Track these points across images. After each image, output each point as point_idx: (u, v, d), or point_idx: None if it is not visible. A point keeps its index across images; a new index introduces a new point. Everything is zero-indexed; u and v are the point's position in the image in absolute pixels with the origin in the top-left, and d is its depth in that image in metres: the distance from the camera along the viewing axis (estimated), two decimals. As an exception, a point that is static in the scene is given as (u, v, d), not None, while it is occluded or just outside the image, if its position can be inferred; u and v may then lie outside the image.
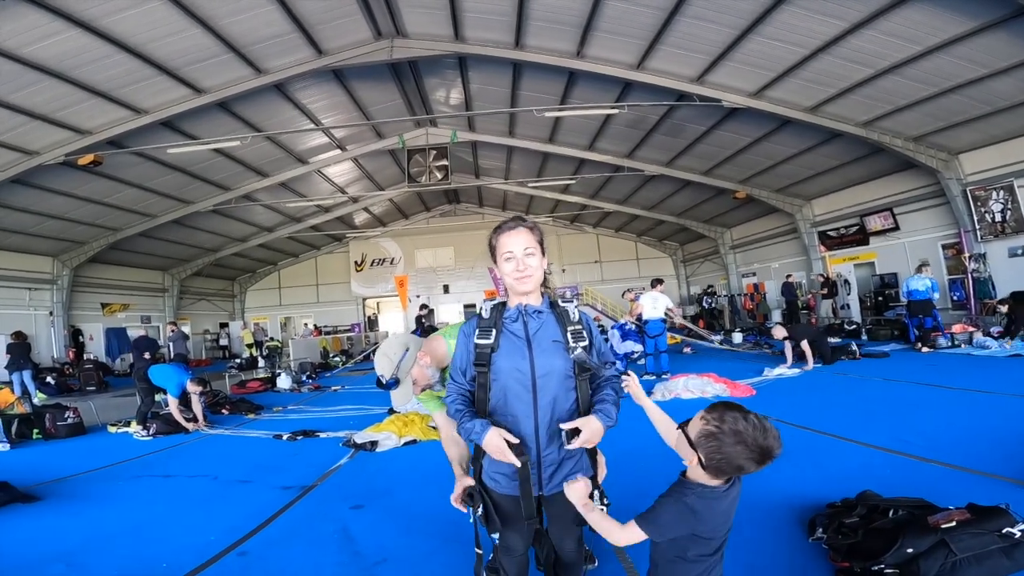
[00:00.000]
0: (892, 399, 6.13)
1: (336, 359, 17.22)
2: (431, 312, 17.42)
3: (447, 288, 26.93)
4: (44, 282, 16.46)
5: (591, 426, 1.65)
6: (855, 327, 13.35)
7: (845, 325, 13.60)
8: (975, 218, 11.93)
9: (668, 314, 9.36)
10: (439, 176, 14.75)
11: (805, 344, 8.61)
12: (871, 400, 6.15)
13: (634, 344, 9.42)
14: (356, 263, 26.99)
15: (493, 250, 1.84)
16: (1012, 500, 2.47)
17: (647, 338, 9.14)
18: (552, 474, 1.77)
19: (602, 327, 16.30)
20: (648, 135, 14.43)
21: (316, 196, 19.34)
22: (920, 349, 9.76)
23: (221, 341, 25.59)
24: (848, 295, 15.83)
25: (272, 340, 18.85)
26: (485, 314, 1.83)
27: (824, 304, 16.08)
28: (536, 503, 1.79)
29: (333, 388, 11.45)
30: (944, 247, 13.25)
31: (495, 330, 1.77)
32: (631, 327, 9.75)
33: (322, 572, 2.81)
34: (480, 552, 1.99)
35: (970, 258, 12.16)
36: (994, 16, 7.87)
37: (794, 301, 16.04)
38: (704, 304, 22.06)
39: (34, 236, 15.05)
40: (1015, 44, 8.31)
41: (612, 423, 1.70)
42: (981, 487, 3.13)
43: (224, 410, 8.50)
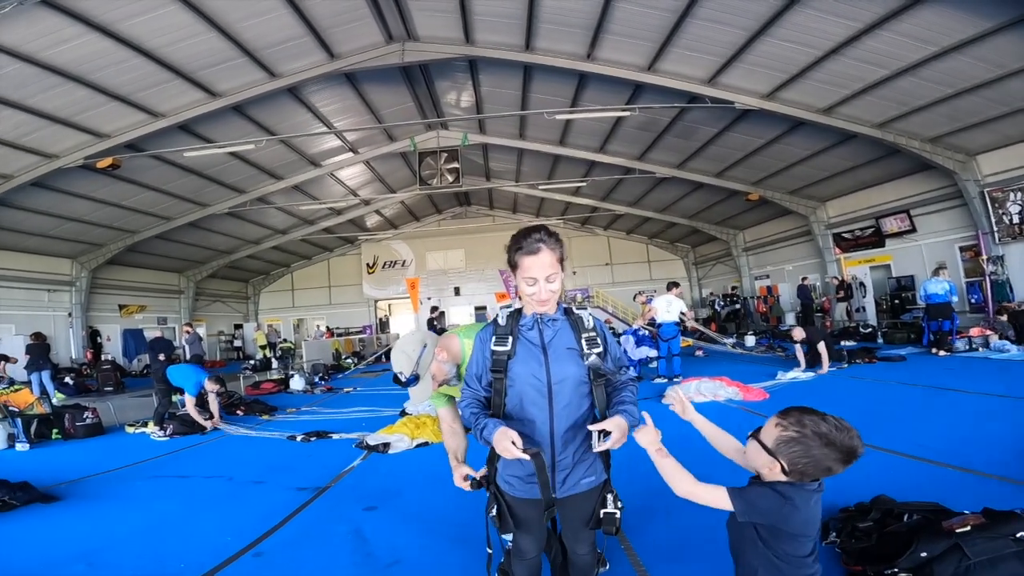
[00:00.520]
0: (908, 403, 6.07)
1: (348, 361, 17.34)
2: (442, 314, 17.49)
3: (458, 290, 27.01)
4: (63, 284, 16.77)
5: (621, 426, 1.66)
6: (871, 330, 13.18)
7: (861, 328, 13.44)
8: (993, 220, 11.75)
9: (682, 318, 9.31)
10: (450, 179, 14.83)
11: (822, 346, 8.52)
12: (886, 404, 6.08)
13: (649, 350, 9.37)
14: (368, 265, 27.17)
15: (514, 267, 1.81)
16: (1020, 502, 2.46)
17: (660, 341, 9.10)
18: (566, 477, 1.78)
19: (613, 329, 16.26)
20: (659, 137, 14.38)
21: (328, 199, 19.52)
22: (936, 353, 9.61)
23: (235, 342, 25.89)
24: (864, 298, 15.63)
25: (285, 342, 19.02)
26: (501, 321, 1.85)
27: (839, 307, 15.89)
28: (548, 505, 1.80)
29: (345, 390, 11.54)
30: (962, 249, 13.04)
31: (511, 337, 1.80)
32: (644, 332, 9.70)
33: (336, 573, 2.84)
34: (491, 552, 2.01)
35: (988, 260, 11.97)
36: (1008, 17, 7.78)
37: (809, 304, 15.88)
38: (716, 307, 21.90)
39: (53, 238, 15.34)
40: None
41: (636, 423, 1.72)
42: (996, 491, 3.10)
43: (239, 411, 8.60)
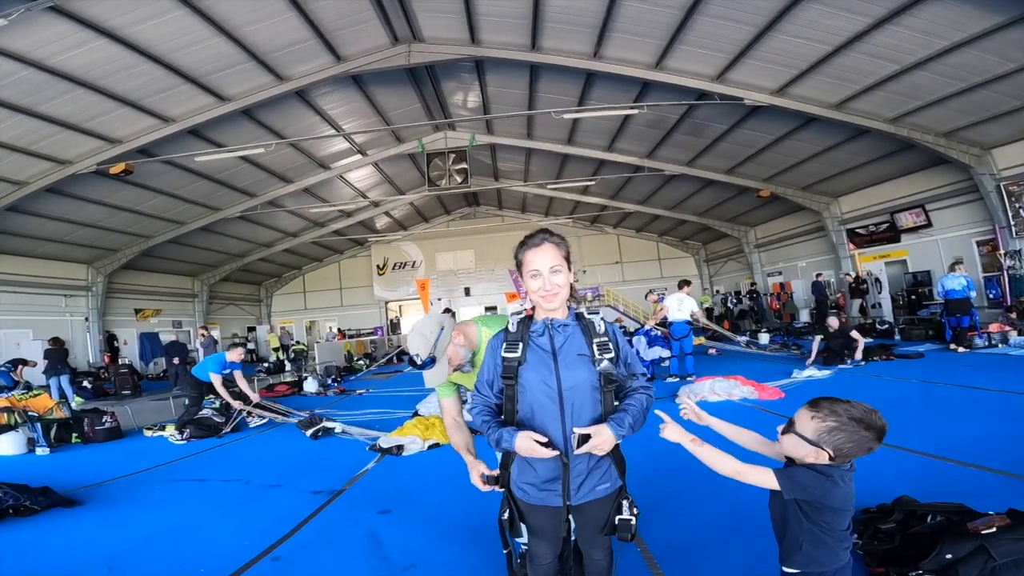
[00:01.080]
0: (928, 401, 5.99)
1: (360, 362, 17.43)
2: (453, 315, 17.48)
3: (468, 291, 27.06)
4: (79, 289, 17.03)
5: (602, 434, 1.67)
6: (887, 326, 13.00)
7: (877, 325, 13.26)
8: (1010, 214, 11.55)
9: (693, 316, 9.25)
10: (458, 179, 14.84)
11: (856, 333, 8.79)
12: (906, 402, 5.98)
13: (661, 350, 9.32)
14: (378, 267, 27.30)
15: (519, 265, 1.84)
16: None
17: (672, 340, 9.04)
18: (581, 484, 1.77)
19: (624, 328, 16.18)
20: (668, 134, 14.29)
21: (338, 201, 19.63)
22: (956, 349, 9.46)
23: (248, 345, 26.10)
24: (880, 294, 15.43)
25: (298, 344, 19.16)
26: (512, 328, 1.85)
27: (853, 303, 15.71)
28: (564, 512, 1.80)
29: (358, 392, 11.59)
30: (979, 244, 12.83)
31: (522, 343, 1.80)
32: (656, 332, 9.64)
33: (353, 577, 2.86)
34: (508, 551, 2.01)
35: (1006, 255, 11.76)
36: (1020, 11, 7.67)
37: (824, 300, 15.70)
38: (729, 305, 21.73)
39: (69, 244, 15.57)
40: None
41: (624, 432, 1.71)
42: (1021, 492, 3.04)
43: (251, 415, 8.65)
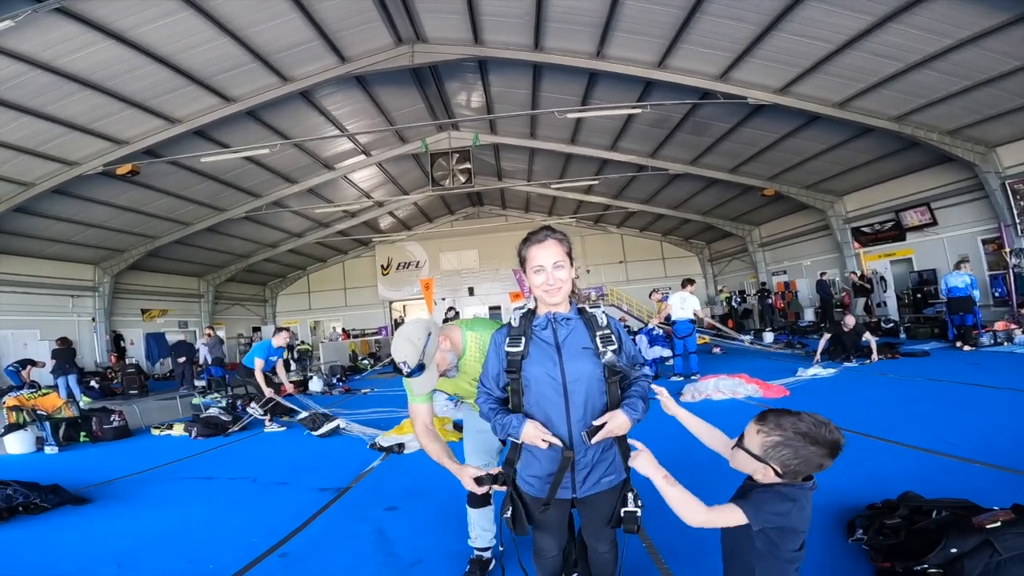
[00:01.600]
0: (934, 399, 5.97)
1: (364, 362, 17.48)
2: (457, 315, 17.55)
3: (472, 290, 27.08)
4: (86, 289, 17.15)
5: (617, 419, 1.71)
6: (892, 325, 12.96)
7: (882, 323, 13.22)
8: (1015, 212, 11.49)
9: (697, 315, 9.26)
10: (462, 179, 14.87)
11: (869, 335, 8.86)
12: (912, 400, 5.99)
13: (662, 349, 9.34)
14: (382, 267, 27.35)
15: (523, 261, 1.87)
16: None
17: (676, 339, 9.05)
18: (586, 476, 1.80)
19: (628, 328, 16.18)
20: (672, 134, 14.29)
21: (343, 201, 19.70)
22: (961, 347, 9.43)
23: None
24: (885, 292, 15.38)
25: (303, 344, 19.24)
26: (515, 323, 1.88)
27: (858, 302, 15.67)
28: (569, 504, 1.83)
29: (363, 391, 11.64)
30: (984, 242, 12.78)
31: (525, 338, 1.82)
32: (659, 332, 9.65)
33: (360, 573, 2.88)
34: (503, 548, 2.10)
35: (1011, 253, 11.71)
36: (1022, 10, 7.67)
37: (829, 299, 15.67)
38: (733, 304, 21.69)
39: (76, 245, 15.68)
40: None
41: (639, 415, 1.75)
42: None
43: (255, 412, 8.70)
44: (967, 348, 9.32)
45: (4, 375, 12.96)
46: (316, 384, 12.03)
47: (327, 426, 6.68)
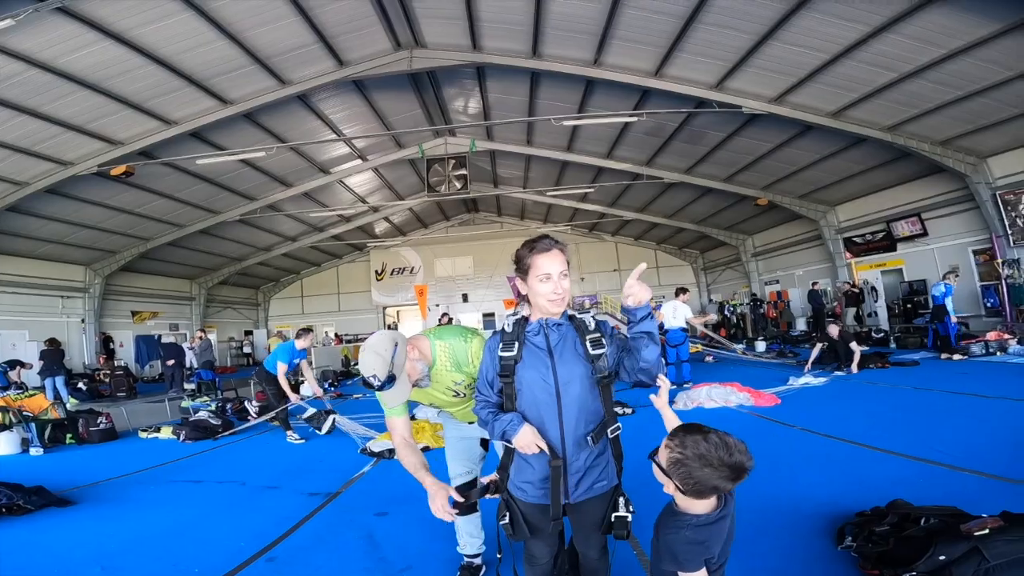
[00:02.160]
0: (923, 407, 6.00)
1: (357, 367, 17.37)
2: (451, 321, 17.52)
3: (466, 297, 27.06)
4: (76, 290, 16.99)
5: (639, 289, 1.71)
6: (883, 335, 13.05)
7: (872, 333, 13.30)
8: (1006, 223, 11.62)
9: (689, 323, 9.29)
10: (458, 185, 14.89)
11: (855, 344, 8.84)
12: (901, 409, 6.01)
13: (656, 358, 9.37)
14: (376, 272, 27.29)
15: (525, 267, 1.85)
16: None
17: (668, 347, 9.07)
18: (579, 481, 1.79)
19: (623, 336, 16.19)
20: (667, 142, 14.39)
21: (338, 206, 19.67)
22: (951, 357, 9.46)
23: (245, 348, 26.04)
24: (876, 302, 15.49)
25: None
26: (508, 328, 1.91)
27: (849, 312, 15.77)
28: (562, 510, 1.81)
29: (355, 396, 11.58)
30: (975, 253, 12.89)
31: (518, 343, 1.85)
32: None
33: (348, 577, 2.85)
34: (500, 556, 2.07)
35: (1003, 264, 11.82)
36: (1016, 19, 7.76)
37: (821, 309, 15.77)
38: (726, 312, 21.77)
39: (67, 245, 15.55)
40: None
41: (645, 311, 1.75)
42: (1015, 495, 3.08)
43: (250, 417, 8.64)
44: (957, 358, 9.36)
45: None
46: (307, 389, 11.91)
47: (327, 423, 6.67)
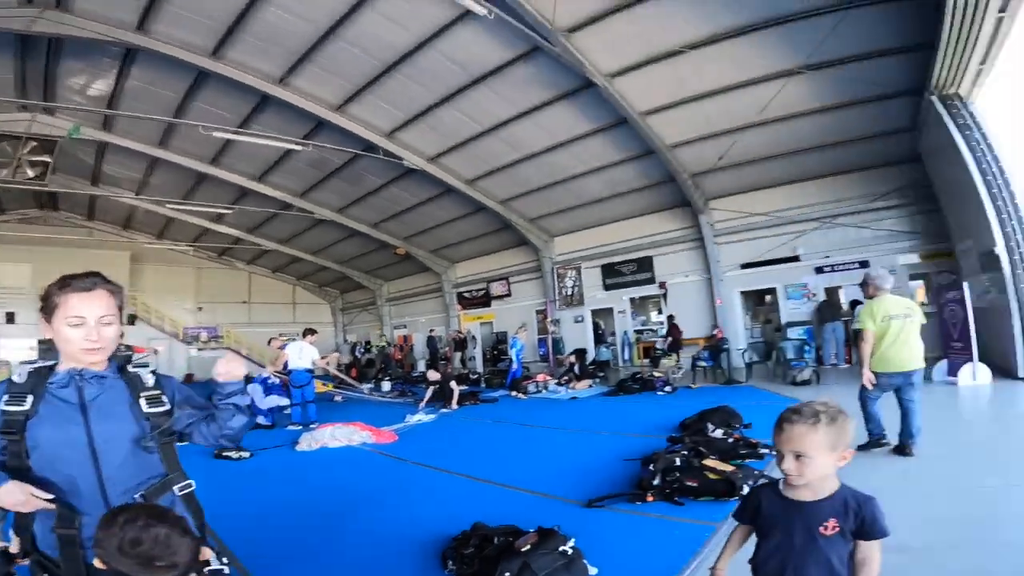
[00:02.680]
0: (498, 437, 7.51)
1: None
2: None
3: (12, 317, 19.86)
4: None
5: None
6: (477, 376, 16.00)
7: (470, 375, 16.13)
8: (556, 291, 16.16)
9: (316, 365, 9.33)
10: (31, 173, 11.23)
11: (454, 384, 10.06)
12: (484, 439, 7.40)
13: (279, 398, 9.04)
14: None
15: (52, 306, 1.57)
16: (567, 517, 3.43)
17: (293, 388, 8.89)
18: None
19: (249, 375, 14.77)
20: (327, 178, 14.54)
21: None
22: (518, 396, 11.68)
23: None
24: (475, 348, 18.98)
25: None
26: (19, 379, 1.55)
27: (456, 356, 18.79)
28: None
29: None
30: (538, 312, 17.38)
31: (33, 396, 1.53)
32: (274, 380, 9.29)
33: None
34: None
35: (551, 322, 16.30)
36: (602, 123, 10.85)
37: (435, 352, 18.28)
38: (357, 354, 22.62)
39: None
40: (608, 147, 11.68)
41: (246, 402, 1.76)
42: (551, 509, 3.92)
43: None
44: (520, 396, 11.78)
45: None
46: None
47: None
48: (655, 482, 3.94)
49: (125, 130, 13.41)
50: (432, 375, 10.43)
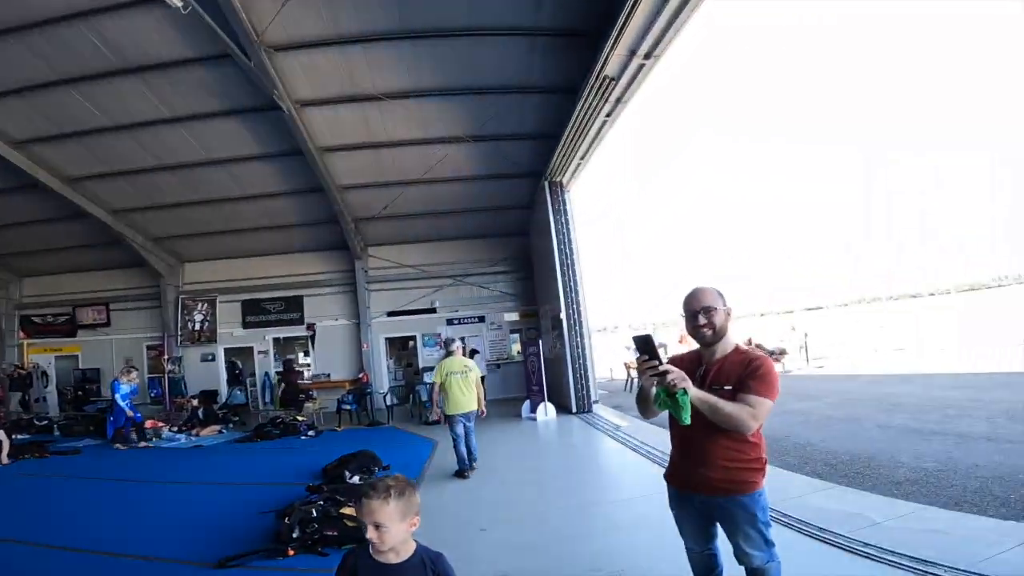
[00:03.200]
0: (87, 497, 6.02)
1: None
2: None
3: None
4: None
5: None
6: (47, 422, 11.97)
7: (35, 420, 11.98)
8: (179, 324, 13.76)
9: None
10: None
11: (2, 434, 8.01)
12: (66, 500, 5.84)
13: None
14: None
15: None
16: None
17: None
18: None
19: None
20: None
21: None
22: (116, 447, 9.69)
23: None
24: (46, 387, 14.16)
25: None
26: None
27: (13, 397, 13.62)
28: None
29: None
30: (149, 347, 14.31)
31: None
32: None
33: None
34: None
35: (169, 359, 13.69)
36: (275, 149, 10.16)
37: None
38: None
39: None
40: (276, 176, 10.95)
41: None
42: (175, 574, 3.56)
43: None
44: (119, 447, 9.69)
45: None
46: None
47: None
48: (294, 535, 3.82)
49: None
50: None
